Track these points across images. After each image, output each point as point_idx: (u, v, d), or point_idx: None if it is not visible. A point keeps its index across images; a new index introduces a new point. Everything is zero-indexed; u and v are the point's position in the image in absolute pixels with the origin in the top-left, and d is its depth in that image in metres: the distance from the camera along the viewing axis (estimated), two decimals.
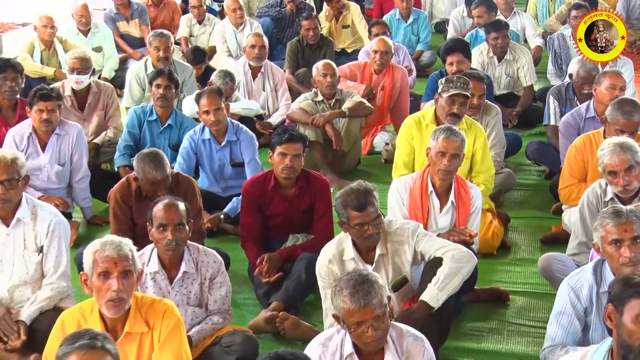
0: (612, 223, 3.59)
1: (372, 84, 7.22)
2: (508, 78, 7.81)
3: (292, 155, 4.79)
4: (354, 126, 6.63)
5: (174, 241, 3.88)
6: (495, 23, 7.79)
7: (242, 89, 7.48)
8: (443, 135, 4.59)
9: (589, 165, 5.21)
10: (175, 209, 3.92)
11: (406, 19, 9.65)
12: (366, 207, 3.88)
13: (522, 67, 7.71)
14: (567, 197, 5.33)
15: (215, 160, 5.77)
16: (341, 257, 4.01)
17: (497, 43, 7.60)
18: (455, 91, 5.25)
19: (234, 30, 8.94)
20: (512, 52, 7.74)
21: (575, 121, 5.89)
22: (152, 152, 4.70)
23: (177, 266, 3.97)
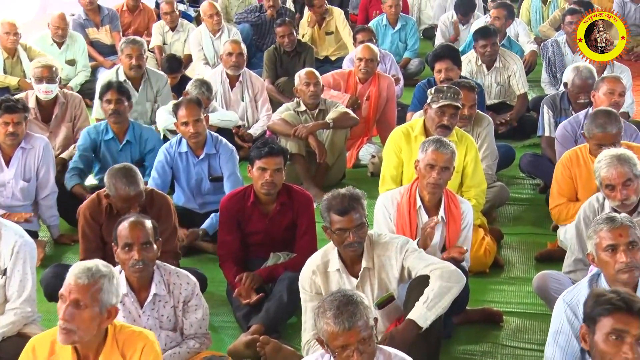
0: (606, 228, 3.62)
1: (357, 94, 7.25)
2: (499, 86, 7.86)
3: (272, 169, 4.79)
4: (338, 138, 6.65)
5: (141, 261, 3.86)
6: (484, 30, 7.84)
7: (219, 99, 7.49)
8: (432, 147, 4.61)
9: (578, 181, 5.24)
10: (141, 227, 3.91)
11: (394, 25, 9.71)
12: (349, 212, 3.92)
13: (513, 75, 7.77)
14: (557, 217, 5.37)
15: (192, 175, 5.76)
16: (325, 269, 4.04)
17: (485, 51, 7.67)
18: (445, 102, 5.28)
19: (210, 37, 8.95)
20: (502, 60, 7.79)
21: (572, 129, 5.94)
22: (124, 166, 4.69)
23: (147, 288, 3.95)
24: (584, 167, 5.20)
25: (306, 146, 6.54)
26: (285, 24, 8.50)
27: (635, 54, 10.22)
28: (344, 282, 4.03)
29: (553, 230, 5.72)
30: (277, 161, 4.82)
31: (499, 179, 6.33)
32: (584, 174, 5.20)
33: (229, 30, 9.02)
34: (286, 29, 8.46)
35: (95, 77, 8.66)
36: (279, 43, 8.52)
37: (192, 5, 11.10)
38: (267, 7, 9.88)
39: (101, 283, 3.30)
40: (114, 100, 5.98)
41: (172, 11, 9.37)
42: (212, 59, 8.90)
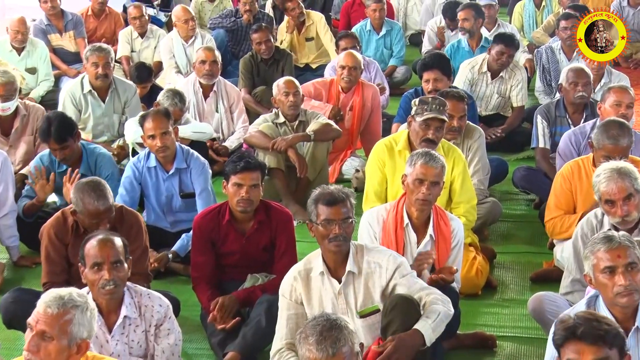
0: (603, 248, 3.65)
1: (339, 104, 7.28)
2: (499, 98, 7.90)
3: (248, 185, 4.80)
4: (320, 151, 6.66)
5: (112, 281, 3.85)
6: (506, 37, 7.85)
7: (192, 110, 7.49)
8: (421, 160, 4.64)
9: (578, 195, 5.28)
10: (111, 245, 3.90)
11: (378, 31, 9.76)
12: (338, 203, 4.04)
13: (515, 86, 7.82)
14: (551, 231, 5.40)
15: (162, 191, 5.76)
16: (308, 274, 4.11)
17: (500, 59, 7.69)
18: (430, 115, 5.30)
19: (182, 44, 8.96)
20: (509, 71, 7.84)
21: (576, 140, 5.98)
22: (92, 180, 4.68)
23: (116, 311, 3.94)
24: (586, 180, 5.22)
25: (285, 160, 6.56)
26: (262, 30, 8.51)
27: (634, 61, 10.32)
28: (326, 287, 4.09)
29: (549, 248, 5.74)
30: (254, 176, 4.83)
31: (491, 194, 6.37)
32: (584, 188, 5.23)
33: (202, 37, 9.03)
34: (263, 35, 8.48)
35: (59, 87, 8.63)
36: (256, 50, 8.54)
37: (162, 10, 11.09)
38: (243, 12, 9.91)
39: (72, 314, 3.26)
40: (57, 149, 5.79)
41: (140, 16, 9.36)
42: (185, 67, 8.90)
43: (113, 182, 5.67)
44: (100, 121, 7.25)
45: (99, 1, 10.03)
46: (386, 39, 9.80)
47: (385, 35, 9.78)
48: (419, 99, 5.47)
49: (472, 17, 8.64)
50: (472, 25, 8.60)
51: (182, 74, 8.79)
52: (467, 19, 8.68)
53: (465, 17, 8.70)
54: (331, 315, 3.21)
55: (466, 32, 8.60)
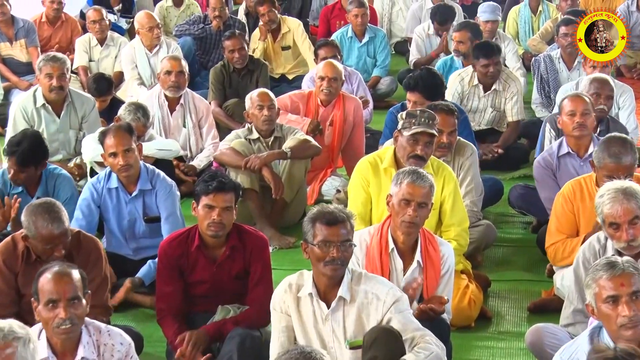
0: (606, 276, 3.67)
1: (318, 118, 7.31)
2: (494, 112, 7.95)
3: (221, 208, 4.80)
4: (297, 170, 6.68)
5: (68, 320, 3.83)
6: (485, 46, 7.87)
7: (157, 125, 7.49)
8: (408, 179, 4.67)
9: (581, 217, 5.32)
10: (67, 279, 3.88)
11: (360, 38, 9.81)
12: (338, 224, 4.11)
13: (510, 99, 7.86)
14: (553, 257, 5.43)
15: (124, 215, 5.75)
16: (298, 290, 4.19)
17: (487, 71, 7.74)
18: (418, 129, 5.33)
19: (146, 53, 8.97)
20: (502, 81, 7.88)
21: (547, 162, 6.06)
22: (46, 202, 4.66)
23: (73, 352, 3.91)
24: (589, 201, 5.24)
25: (260, 180, 6.57)
26: (236, 37, 8.54)
27: (639, 70, 10.41)
28: (314, 309, 4.16)
29: (548, 276, 5.77)
30: (227, 198, 4.83)
31: (485, 216, 6.40)
32: (588, 209, 5.25)
33: (167, 45, 9.04)
34: (236, 43, 8.50)
35: (9, 101, 8.62)
36: (228, 59, 8.56)
37: (124, 16, 11.11)
38: (212, 18, 9.94)
39: (14, 347, 3.25)
40: (13, 170, 5.78)
41: (100, 19, 9.36)
42: (148, 78, 8.91)
43: (72, 205, 5.67)
44: (54, 138, 7.24)
45: (53, 7, 10.03)
46: (369, 47, 9.85)
47: (368, 43, 9.83)
48: (406, 111, 5.49)
49: (469, 40, 8.61)
50: (468, 49, 8.57)
51: (146, 86, 8.79)
52: (462, 42, 8.61)
53: (460, 40, 8.63)
54: (306, 348, 3.23)
55: (461, 54, 8.59)
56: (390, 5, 11.50)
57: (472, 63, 7.88)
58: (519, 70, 9.12)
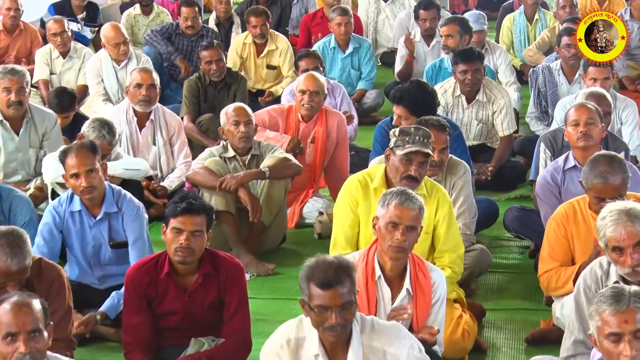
0: (609, 311, 3.66)
1: (299, 135, 7.32)
2: (480, 125, 7.97)
3: (189, 231, 4.79)
4: (276, 191, 6.68)
5: (29, 354, 3.80)
6: (465, 52, 7.89)
7: (124, 143, 7.48)
8: (395, 200, 4.67)
9: (575, 242, 5.32)
10: (27, 311, 3.85)
11: (344, 49, 9.84)
12: (333, 286, 3.92)
13: (498, 111, 7.88)
14: (546, 286, 5.43)
15: (88, 240, 5.73)
16: (298, 347, 4.02)
17: (465, 78, 7.75)
18: (412, 147, 5.33)
19: (113, 67, 8.95)
20: (487, 92, 7.90)
21: (553, 177, 6.07)
22: (11, 232, 4.57)
23: None
24: (583, 225, 5.28)
25: (236, 201, 6.56)
26: (213, 48, 8.54)
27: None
28: None
29: (547, 304, 5.78)
30: (197, 221, 4.82)
31: (479, 240, 6.42)
32: (582, 233, 5.28)
33: (137, 57, 9.03)
34: (214, 53, 8.51)
35: None
36: (205, 71, 8.57)
37: (88, 25, 11.10)
38: (184, 28, 9.96)
39: None
40: None
41: (62, 31, 9.35)
42: (115, 93, 8.88)
43: (31, 229, 5.64)
44: (13, 157, 7.21)
45: (10, 14, 10.02)
46: (353, 58, 9.88)
47: (352, 54, 9.87)
48: (400, 128, 5.49)
49: (458, 33, 8.63)
50: (457, 43, 8.58)
51: (112, 102, 8.74)
52: (451, 36, 8.66)
53: (449, 34, 8.67)
54: None
55: (450, 50, 8.60)
56: (375, 14, 11.57)
57: (453, 70, 7.91)
58: (513, 85, 9.10)
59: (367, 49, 9.96)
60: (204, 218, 4.86)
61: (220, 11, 10.97)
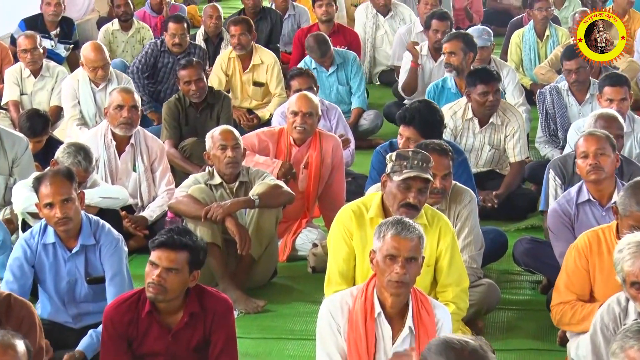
0: (637, 347, 3.66)
1: (291, 160, 7.33)
2: (492, 150, 7.97)
3: (163, 267, 4.77)
4: (267, 221, 6.68)
5: None
6: (484, 72, 7.85)
7: (102, 170, 7.48)
8: (392, 231, 4.67)
9: (597, 275, 5.33)
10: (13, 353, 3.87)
11: (327, 66, 9.86)
12: None
13: (511, 135, 7.89)
14: (558, 319, 5.45)
15: (63, 275, 5.72)
16: None
17: (486, 100, 7.72)
18: (410, 172, 5.34)
19: (92, 88, 8.94)
20: (500, 114, 7.89)
21: (565, 210, 6.09)
22: None
23: None
24: (607, 257, 5.25)
25: (223, 232, 6.57)
26: (192, 66, 8.54)
27: None
28: None
29: (560, 344, 5.78)
30: (173, 257, 4.78)
31: (486, 274, 6.42)
32: (606, 266, 5.25)
33: (118, 78, 9.04)
34: (193, 73, 8.51)
35: None
36: (184, 92, 8.59)
37: (62, 42, 11.13)
38: (170, 46, 9.98)
39: None
40: None
41: (33, 48, 9.35)
42: (92, 117, 8.85)
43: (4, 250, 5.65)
44: None
45: None
46: (339, 74, 9.86)
47: (337, 70, 9.86)
48: (396, 152, 5.49)
49: (461, 50, 8.62)
50: (460, 61, 8.60)
51: (88, 127, 8.71)
52: (454, 53, 8.62)
53: (451, 51, 8.63)
54: None
55: (453, 69, 8.60)
56: (373, 29, 11.59)
57: (467, 92, 7.89)
58: (522, 107, 9.04)
59: (353, 61, 9.96)
60: (186, 255, 4.83)
61: (210, 26, 11.00)
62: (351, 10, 12.62)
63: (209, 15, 11.06)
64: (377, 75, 11.61)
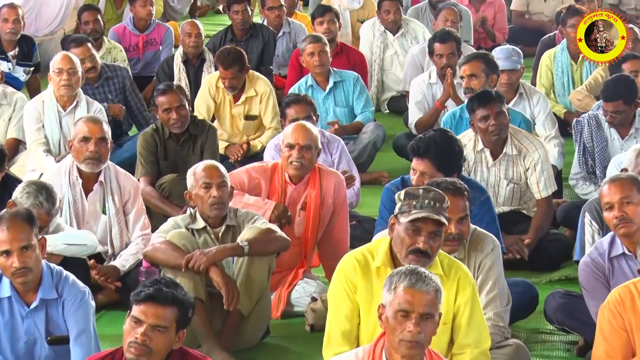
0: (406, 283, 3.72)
1: (286, 200, 7.34)
2: (510, 185, 7.97)
3: (149, 325, 4.77)
4: (258, 271, 6.67)
5: None
6: (480, 94, 7.91)
7: (67, 212, 7.48)
8: (405, 282, 4.68)
9: (635, 334, 5.33)
10: None
11: (324, 86, 9.88)
12: None
13: (532, 168, 7.88)
14: None
15: (20, 335, 5.72)
16: None
17: (488, 126, 7.73)
18: (421, 213, 5.33)
19: (58, 111, 8.98)
20: (515, 143, 7.90)
21: (597, 265, 6.08)
22: None
23: None
24: None
25: (207, 285, 6.57)
26: (173, 91, 8.57)
27: None
28: None
29: None
30: (162, 314, 4.79)
31: (513, 334, 6.41)
32: None
33: (88, 104, 9.07)
34: (173, 98, 8.52)
35: None
36: (162, 121, 8.60)
37: (21, 64, 11.15)
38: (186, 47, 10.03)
39: None
40: None
41: None
42: (57, 144, 8.89)
43: None
44: None
45: None
46: (337, 94, 9.91)
47: (333, 89, 9.92)
48: (405, 190, 5.48)
49: (483, 72, 8.64)
50: (483, 85, 8.56)
51: (52, 155, 8.75)
52: (475, 76, 8.64)
53: (472, 73, 8.67)
54: None
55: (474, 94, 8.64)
56: (381, 49, 11.63)
57: (470, 121, 7.94)
58: (555, 139, 9.09)
59: (355, 80, 10.05)
60: (175, 312, 4.85)
61: (188, 46, 11.04)
62: (357, 27, 12.67)
63: (187, 34, 11.12)
64: (385, 102, 11.63)
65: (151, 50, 12.36)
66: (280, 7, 12.51)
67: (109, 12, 13.84)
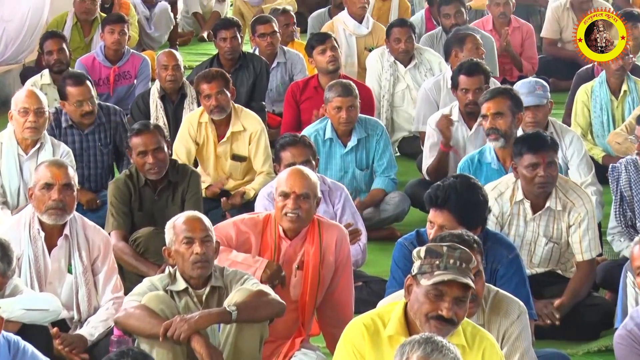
0: None
1: (280, 258, 7.34)
2: (550, 245, 7.96)
3: None
4: (248, 340, 6.68)
5: None
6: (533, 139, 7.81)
7: (26, 271, 7.49)
8: (419, 352, 4.70)
9: None
10: None
11: (345, 141, 9.76)
12: None
13: (576, 225, 7.84)
14: None
15: None
16: None
17: (535, 176, 7.66)
18: (446, 275, 5.34)
19: (19, 154, 9.01)
20: (561, 196, 7.86)
21: (636, 335, 6.05)
22: None
23: None
24: None
25: (188, 356, 6.56)
26: (149, 131, 8.58)
27: None
28: None
29: None
30: None
31: None
32: None
33: (54, 146, 9.10)
34: (150, 140, 8.52)
35: None
36: (137, 165, 8.61)
37: None
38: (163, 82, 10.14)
39: None
40: None
41: None
42: (15, 193, 8.92)
43: None
44: None
45: None
46: (359, 153, 9.78)
47: (357, 147, 9.80)
48: (427, 247, 5.50)
49: (509, 110, 8.62)
50: (510, 125, 8.59)
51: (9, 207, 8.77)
52: (501, 114, 8.56)
53: (497, 111, 8.57)
54: None
55: (500, 136, 8.56)
56: (391, 82, 11.62)
57: (513, 165, 7.91)
58: (591, 186, 9.06)
59: (380, 134, 9.90)
60: None
61: (165, 80, 10.96)
62: (364, 55, 12.63)
63: (163, 66, 11.03)
64: (396, 143, 11.56)
65: (124, 85, 12.34)
66: (273, 34, 12.44)
67: (76, 40, 13.63)
